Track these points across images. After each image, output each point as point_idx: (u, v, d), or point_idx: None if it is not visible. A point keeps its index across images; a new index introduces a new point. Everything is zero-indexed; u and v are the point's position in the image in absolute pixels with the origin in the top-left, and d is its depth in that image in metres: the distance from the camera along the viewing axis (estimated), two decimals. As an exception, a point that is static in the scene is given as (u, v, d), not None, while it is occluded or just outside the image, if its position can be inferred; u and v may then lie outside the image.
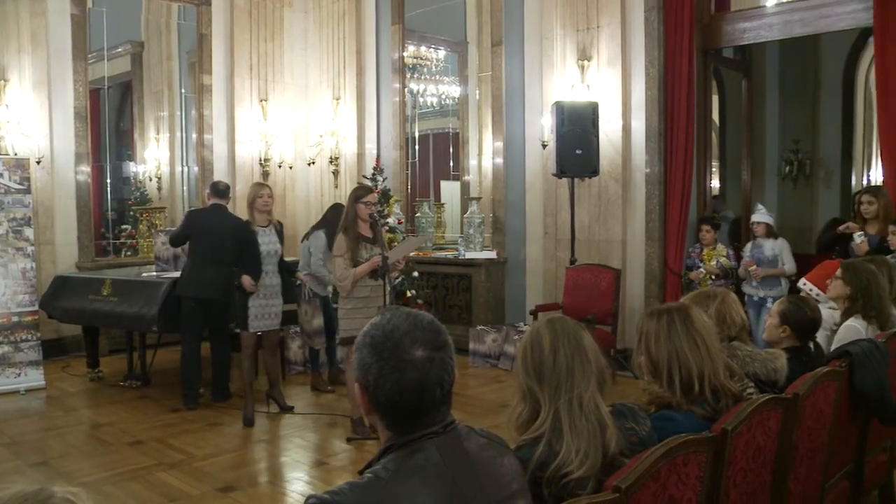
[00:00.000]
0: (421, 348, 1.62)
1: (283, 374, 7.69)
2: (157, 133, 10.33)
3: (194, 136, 10.13)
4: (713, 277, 7.33)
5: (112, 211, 9.77)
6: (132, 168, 10.14)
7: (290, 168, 10.62)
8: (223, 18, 10.05)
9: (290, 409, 6.51)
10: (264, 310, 6.25)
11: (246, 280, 6.12)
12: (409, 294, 8.04)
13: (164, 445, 5.71)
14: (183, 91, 10.38)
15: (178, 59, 10.40)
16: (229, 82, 10.07)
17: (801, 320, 3.56)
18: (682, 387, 2.52)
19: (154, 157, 10.28)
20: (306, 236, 7.38)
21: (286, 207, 10.62)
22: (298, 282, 7.06)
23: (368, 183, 8.08)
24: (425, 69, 10.92)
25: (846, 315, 4.22)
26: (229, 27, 10.06)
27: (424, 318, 1.68)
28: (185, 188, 10.39)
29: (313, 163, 10.53)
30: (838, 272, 4.33)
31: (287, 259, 6.83)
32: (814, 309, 3.65)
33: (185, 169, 10.38)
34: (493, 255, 9.07)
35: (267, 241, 6.26)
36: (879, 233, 6.11)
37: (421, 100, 10.91)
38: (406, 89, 10.29)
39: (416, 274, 8.32)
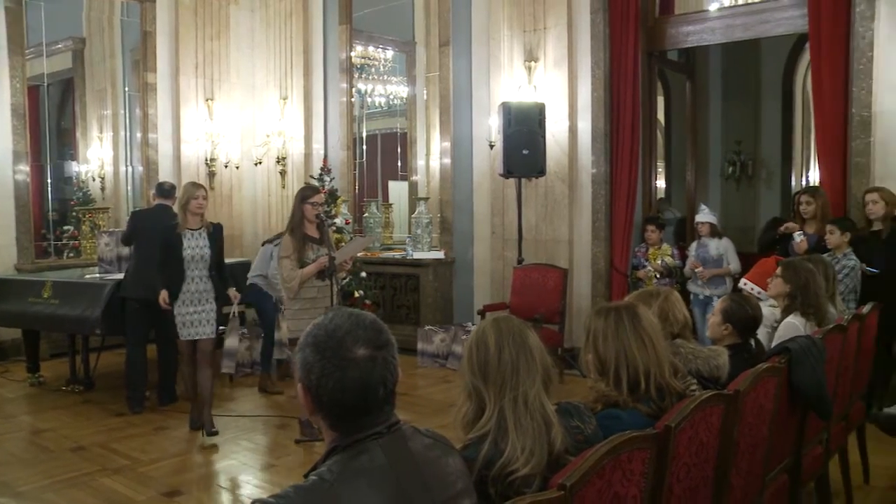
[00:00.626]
0: (363, 347, 1.62)
1: (231, 376, 7.59)
2: (101, 132, 10.12)
3: (139, 135, 9.95)
4: (658, 276, 7.42)
5: (53, 211, 9.54)
6: (74, 168, 9.92)
7: (237, 168, 10.51)
8: (168, 16, 9.88)
9: (213, 434, 5.88)
10: (193, 317, 5.91)
11: (162, 296, 5.93)
12: (356, 294, 7.99)
13: (108, 451, 5.59)
14: (127, 89, 10.18)
15: (122, 56, 10.19)
16: (174, 81, 9.91)
17: (743, 318, 3.64)
18: (628, 385, 2.55)
19: (97, 157, 10.07)
20: (270, 240, 7.31)
21: (233, 208, 10.50)
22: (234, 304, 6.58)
23: (316, 183, 8.02)
24: (373, 69, 10.88)
25: (786, 312, 4.30)
26: (174, 25, 9.90)
27: (367, 317, 1.69)
28: (129, 188, 10.20)
29: (260, 163, 10.44)
30: (778, 271, 4.42)
31: (232, 261, 6.72)
32: (755, 307, 3.72)
33: (130, 169, 10.18)
34: (440, 255, 9.08)
35: (194, 245, 5.91)
36: (817, 232, 6.26)
37: (369, 100, 10.87)
38: (354, 89, 10.25)
39: (363, 274, 8.28)
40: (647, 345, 2.57)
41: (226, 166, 10.36)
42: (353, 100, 10.17)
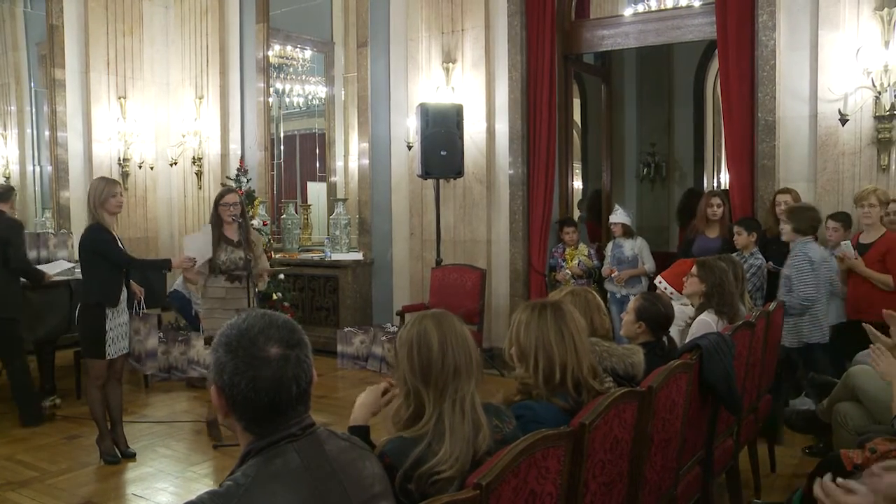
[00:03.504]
0: (276, 346, 1.64)
1: (146, 382, 7.42)
2: (5, 129, 9.75)
3: (47, 133, 9.57)
4: (576, 277, 7.54)
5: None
6: (-25, 167, 9.54)
7: (151, 168, 10.27)
8: (76, 10, 9.55)
9: (131, 456, 5.48)
10: (122, 329, 5.38)
11: (138, 288, 5.74)
12: (275, 297, 7.90)
13: (14, 463, 5.37)
14: (33, 85, 9.82)
15: (27, 50, 9.83)
16: (85, 77, 9.61)
17: (656, 316, 3.73)
18: (544, 375, 2.61)
19: (1, 155, 9.70)
20: None
21: (148, 210, 10.25)
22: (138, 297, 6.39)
23: (232, 184, 7.90)
24: (291, 69, 10.78)
25: (700, 310, 4.43)
26: (83, 19, 9.58)
27: (280, 317, 1.71)
28: (37, 188, 9.85)
29: (175, 163, 10.21)
30: (694, 269, 4.54)
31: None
32: (667, 305, 3.82)
33: (38, 168, 9.84)
34: (359, 256, 9.06)
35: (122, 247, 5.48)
36: (721, 235, 6.50)
37: (287, 100, 10.77)
38: (271, 89, 10.14)
39: (282, 276, 8.18)
40: (565, 338, 2.63)
41: (140, 167, 10.11)
42: (270, 100, 10.06)
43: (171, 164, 10.25)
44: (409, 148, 8.47)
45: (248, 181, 8.32)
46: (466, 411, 2.13)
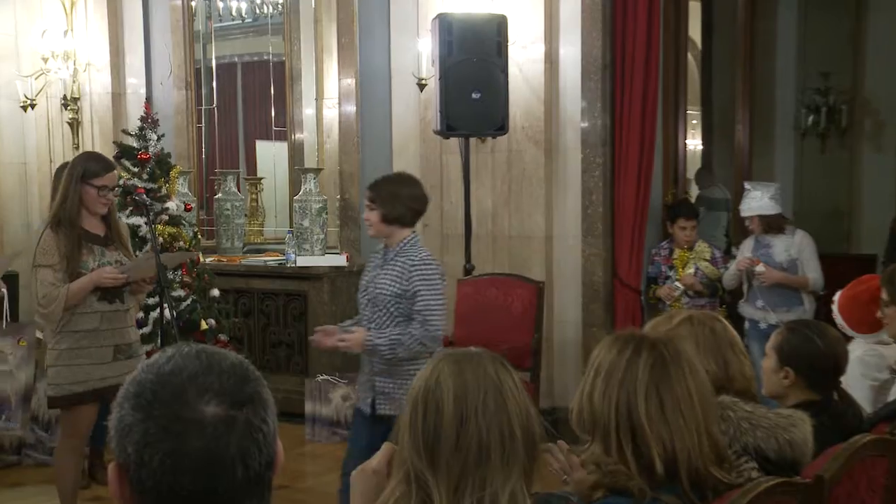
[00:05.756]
0: (214, 402, 1.63)
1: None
2: None
3: None
4: (691, 295, 7.48)
5: None
6: None
7: None
8: None
9: None
10: None
11: None
12: (204, 326, 7.86)
13: None
14: None
15: None
16: None
17: (811, 358, 3.66)
18: (636, 460, 2.60)
19: None
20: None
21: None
22: None
23: (131, 141, 7.96)
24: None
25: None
26: None
27: (227, 357, 1.71)
28: None
29: (32, 105, 10.14)
30: (884, 294, 4.42)
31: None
32: (832, 340, 3.74)
33: None
34: (340, 260, 9.06)
35: None
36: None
37: (221, 5, 10.76)
38: (196, -11, 10.20)
39: (216, 292, 8.14)
40: (666, 406, 2.62)
41: None
42: (193, 4, 10.14)
43: (25, 107, 10.16)
44: (422, 88, 8.45)
45: (158, 139, 8.29)
46: None
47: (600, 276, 8.03)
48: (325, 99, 9.88)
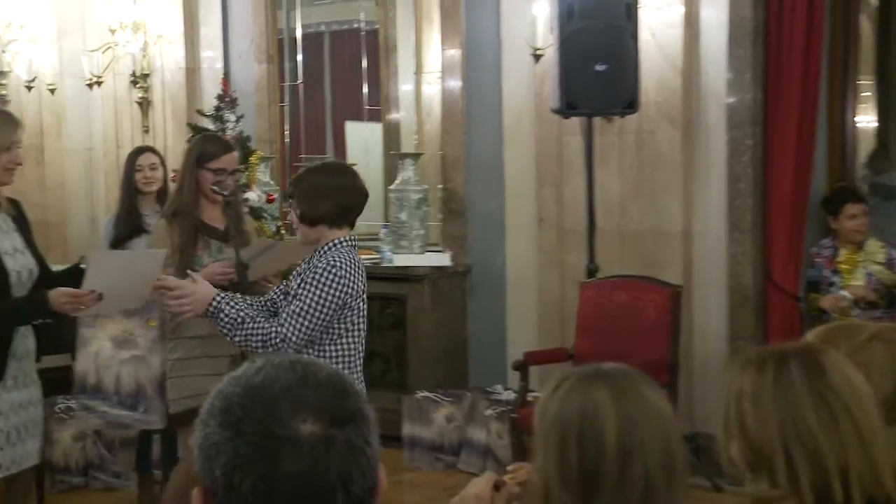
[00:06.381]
0: (311, 420, 1.66)
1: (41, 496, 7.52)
2: None
3: None
4: (863, 306, 7.34)
5: None
6: None
7: (52, 92, 10.42)
8: None
9: None
10: (18, 420, 5.33)
11: None
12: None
13: None
14: None
15: None
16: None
17: None
18: (813, 487, 2.52)
19: None
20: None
21: (46, 169, 10.47)
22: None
23: (209, 126, 8.12)
24: None
25: None
26: None
27: (323, 369, 1.75)
28: None
29: (99, 82, 10.32)
30: None
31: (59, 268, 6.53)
32: None
33: None
34: (444, 259, 9.10)
35: (10, 245, 5.35)
36: None
37: (308, -32, 10.88)
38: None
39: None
40: (837, 419, 2.55)
41: (28, 88, 10.26)
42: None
43: (91, 84, 10.35)
44: (537, 59, 8.40)
45: (237, 120, 8.36)
46: None
47: (749, 278, 7.91)
48: (425, 73, 9.90)
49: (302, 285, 4.96)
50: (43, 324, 5.61)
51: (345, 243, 5.12)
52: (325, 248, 5.05)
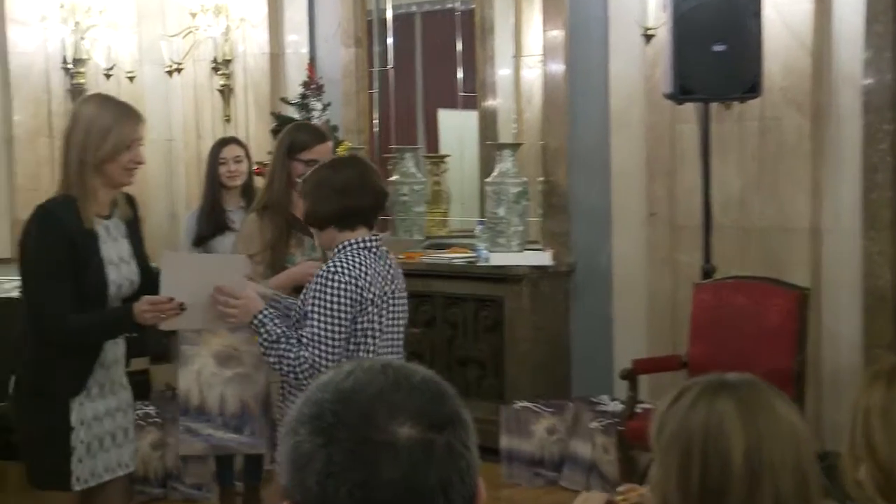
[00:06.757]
0: (409, 423, 1.69)
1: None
2: None
3: None
4: None
5: None
6: None
7: (130, 79, 10.51)
8: None
9: None
10: (109, 427, 5.36)
11: None
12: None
13: None
14: None
15: None
16: None
17: None
18: None
19: None
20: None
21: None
22: None
23: (295, 116, 8.20)
24: None
25: None
26: None
27: (417, 372, 1.79)
28: None
29: (179, 69, 10.38)
30: None
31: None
32: None
33: None
34: (545, 258, 8.96)
35: (116, 254, 5.30)
36: None
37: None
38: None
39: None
40: None
41: (107, 76, 10.30)
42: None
43: (170, 71, 10.43)
44: (648, 39, 8.31)
45: (323, 108, 8.43)
46: None
47: (888, 280, 7.73)
48: (524, 56, 9.80)
49: (310, 301, 4.85)
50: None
51: (354, 245, 4.94)
52: (334, 252, 4.99)
